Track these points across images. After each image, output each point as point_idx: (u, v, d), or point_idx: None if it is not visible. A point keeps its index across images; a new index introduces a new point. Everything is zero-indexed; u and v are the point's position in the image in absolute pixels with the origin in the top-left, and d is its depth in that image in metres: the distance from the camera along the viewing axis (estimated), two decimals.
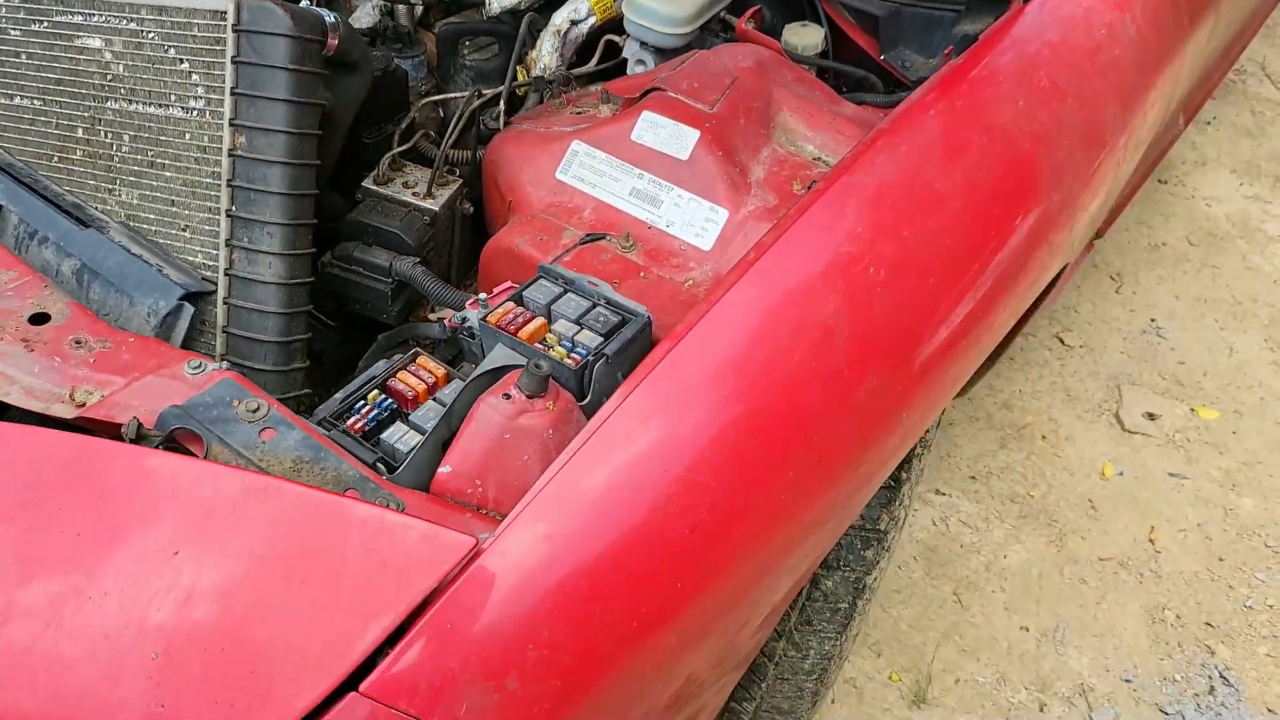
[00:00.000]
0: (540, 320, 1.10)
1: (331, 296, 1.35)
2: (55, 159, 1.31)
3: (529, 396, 0.99)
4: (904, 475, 1.28)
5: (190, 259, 1.23)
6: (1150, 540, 2.13)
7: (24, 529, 0.87)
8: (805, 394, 1.01)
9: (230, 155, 1.16)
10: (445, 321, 1.19)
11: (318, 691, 0.82)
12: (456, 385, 1.11)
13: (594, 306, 1.11)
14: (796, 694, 1.35)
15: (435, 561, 0.87)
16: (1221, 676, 1.90)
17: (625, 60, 1.51)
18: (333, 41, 1.18)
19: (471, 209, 1.37)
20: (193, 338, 1.19)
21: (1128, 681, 1.90)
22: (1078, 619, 1.98)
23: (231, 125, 1.16)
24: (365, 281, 1.28)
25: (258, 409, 1.00)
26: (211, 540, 0.86)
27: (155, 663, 0.82)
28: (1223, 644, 1.96)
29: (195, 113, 1.20)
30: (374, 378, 1.11)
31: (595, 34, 1.51)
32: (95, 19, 1.25)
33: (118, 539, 0.86)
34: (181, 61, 1.20)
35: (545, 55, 1.47)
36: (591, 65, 1.51)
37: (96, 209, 1.28)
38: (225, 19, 1.16)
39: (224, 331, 1.20)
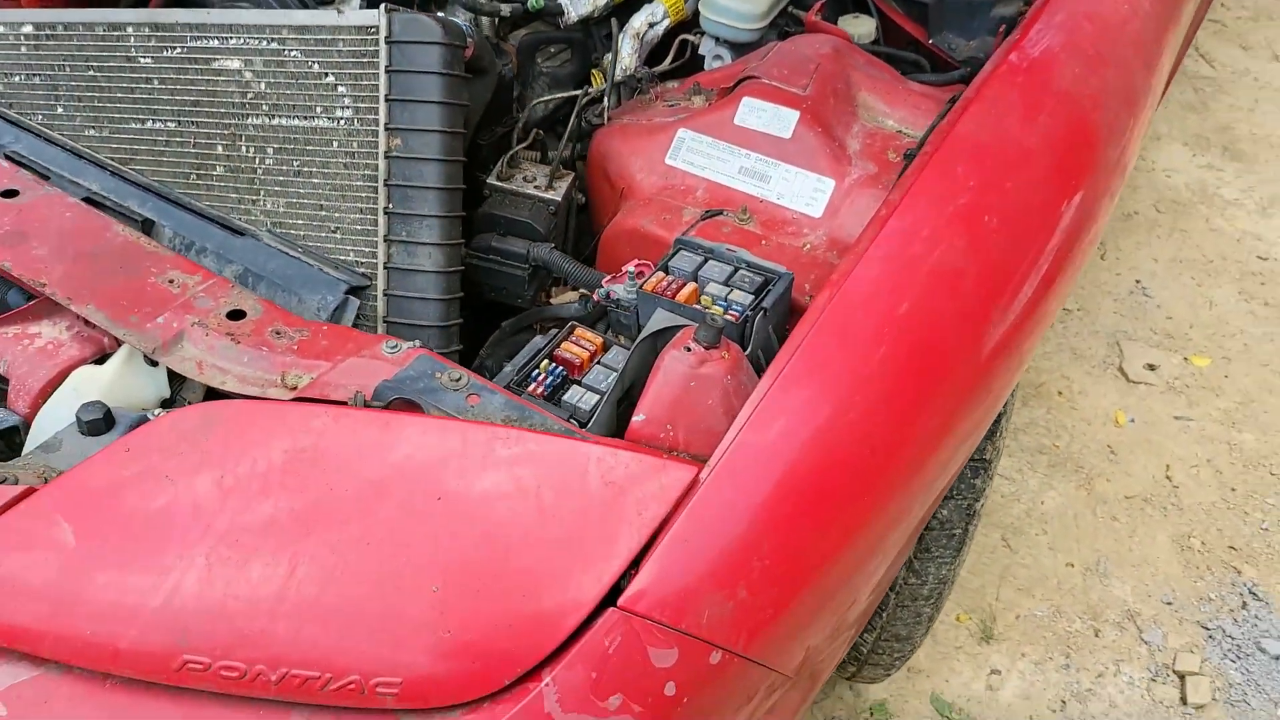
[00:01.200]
0: (692, 285, 1.21)
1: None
2: (193, 176, 1.39)
3: (706, 348, 1.10)
4: (1002, 409, 1.42)
5: (342, 257, 1.32)
6: (1168, 478, 2.30)
7: (294, 490, 0.96)
8: (945, 330, 1.14)
9: (387, 157, 1.26)
10: (593, 296, 1.29)
11: (583, 610, 0.92)
12: (617, 350, 1.22)
13: (737, 269, 1.23)
14: (915, 620, 1.48)
15: (665, 489, 0.98)
16: (1251, 592, 2.08)
17: (698, 57, 1.64)
18: (469, 48, 1.29)
19: (584, 199, 1.48)
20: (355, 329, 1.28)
21: (1168, 604, 2.06)
22: (1115, 552, 2.15)
23: (387, 129, 1.26)
24: (503, 269, 1.39)
25: (459, 378, 1.10)
26: (469, 483, 0.96)
27: (437, 594, 0.92)
28: (1247, 564, 2.13)
29: (343, 121, 1.30)
30: (541, 349, 1.21)
31: (668, 34, 1.63)
32: (233, 41, 1.34)
33: (383, 491, 0.96)
34: (326, 75, 1.30)
35: (625, 57, 1.59)
36: (667, 63, 1.63)
37: (241, 219, 1.36)
38: (373, 33, 1.26)
39: (385, 321, 1.29)
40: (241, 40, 1.33)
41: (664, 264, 1.25)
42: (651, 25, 1.60)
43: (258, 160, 1.35)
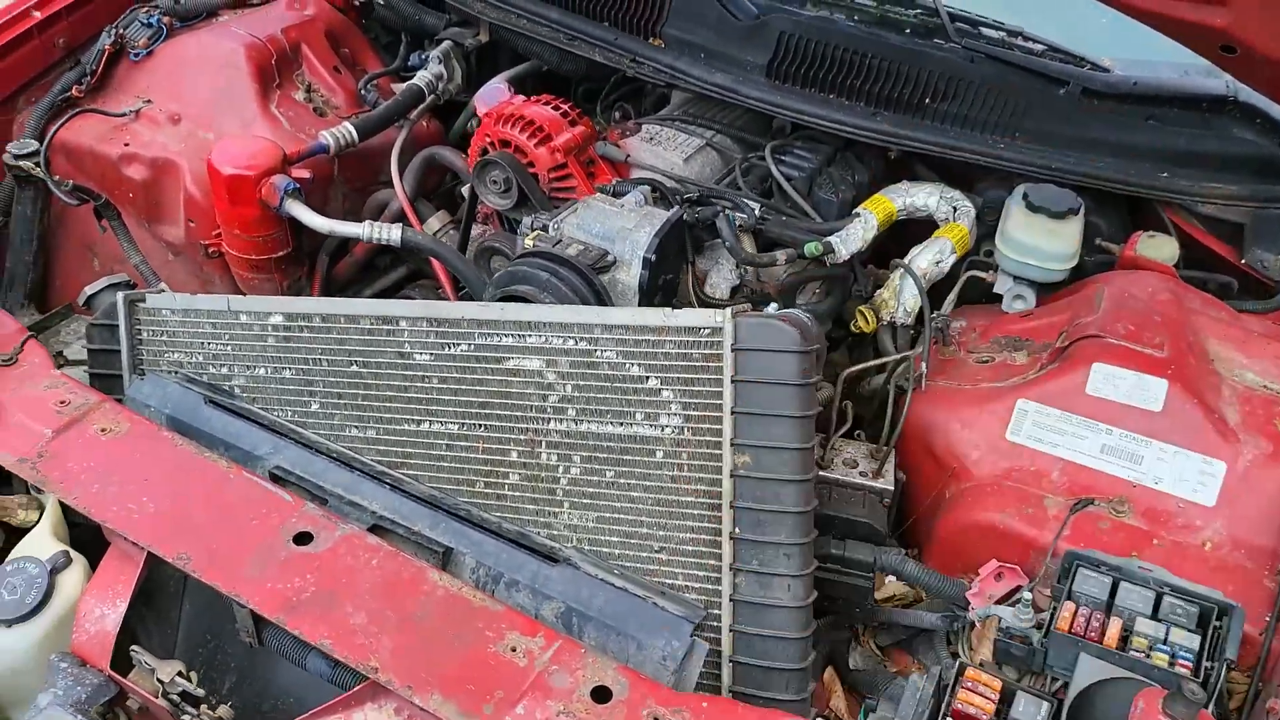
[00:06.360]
0: (1117, 621, 1.03)
1: None
2: (480, 484, 1.24)
3: None
4: None
5: (670, 581, 1.15)
6: None
7: None
8: None
9: (733, 476, 1.10)
10: (969, 617, 1.12)
11: None
12: (1027, 701, 1.03)
13: (1160, 596, 1.05)
14: None
15: None
16: None
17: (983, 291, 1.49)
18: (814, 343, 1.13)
19: (905, 477, 1.31)
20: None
21: None
22: None
23: (734, 446, 1.10)
24: (844, 579, 1.21)
25: None
26: None
27: None
28: None
29: (670, 430, 1.14)
30: (926, 694, 1.03)
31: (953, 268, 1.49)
32: (531, 339, 1.19)
33: None
34: (648, 379, 1.15)
35: (909, 300, 1.43)
36: (952, 299, 1.48)
37: (540, 533, 1.20)
38: (706, 334, 1.11)
39: (730, 660, 1.12)
40: (542, 338, 1.19)
41: (1067, 589, 1.07)
42: (938, 263, 1.45)
43: (561, 469, 1.20)
